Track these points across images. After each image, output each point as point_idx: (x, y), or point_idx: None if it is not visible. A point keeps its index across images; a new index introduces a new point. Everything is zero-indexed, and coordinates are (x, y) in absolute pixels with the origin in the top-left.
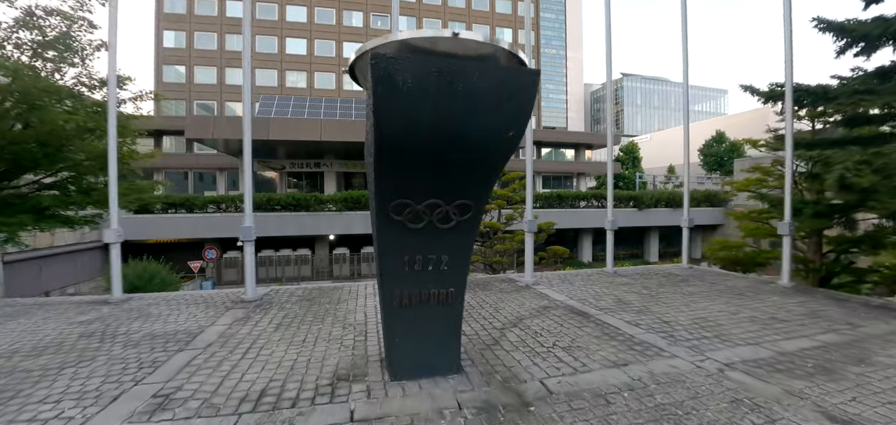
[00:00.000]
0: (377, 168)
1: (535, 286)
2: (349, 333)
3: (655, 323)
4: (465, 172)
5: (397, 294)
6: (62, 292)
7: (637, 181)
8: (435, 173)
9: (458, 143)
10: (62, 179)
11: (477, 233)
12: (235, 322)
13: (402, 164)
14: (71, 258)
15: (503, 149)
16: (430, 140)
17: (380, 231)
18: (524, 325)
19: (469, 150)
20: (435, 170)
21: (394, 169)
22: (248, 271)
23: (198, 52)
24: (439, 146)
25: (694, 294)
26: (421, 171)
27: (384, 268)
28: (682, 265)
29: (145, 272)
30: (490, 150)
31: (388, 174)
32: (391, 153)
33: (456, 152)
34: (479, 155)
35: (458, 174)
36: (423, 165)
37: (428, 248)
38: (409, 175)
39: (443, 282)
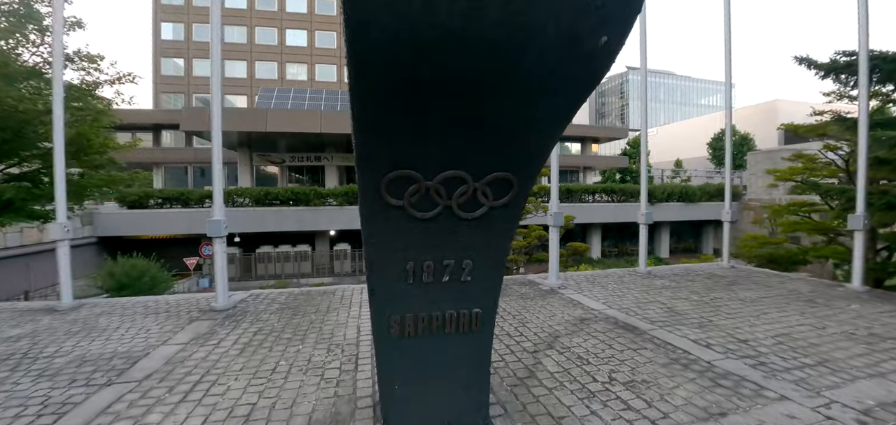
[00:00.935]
0: (360, 118)
1: (563, 290)
2: (334, 359)
3: (731, 342)
4: (511, 122)
5: (396, 319)
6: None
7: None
8: (457, 124)
9: (502, 59)
10: (34, 170)
11: (516, 227)
12: (194, 340)
13: (401, 108)
14: None
15: (586, 72)
16: (448, 56)
17: (369, 223)
18: (563, 346)
19: (522, 76)
20: (457, 118)
21: (387, 117)
22: (219, 274)
23: (196, 45)
24: (467, 66)
25: (754, 301)
26: (433, 120)
27: (376, 279)
28: (723, 264)
29: (134, 269)
30: (561, 75)
31: (378, 128)
32: (381, 86)
33: (497, 78)
34: (539, 83)
35: (497, 125)
36: (437, 108)
37: (443, 249)
38: (412, 128)
39: (464, 299)
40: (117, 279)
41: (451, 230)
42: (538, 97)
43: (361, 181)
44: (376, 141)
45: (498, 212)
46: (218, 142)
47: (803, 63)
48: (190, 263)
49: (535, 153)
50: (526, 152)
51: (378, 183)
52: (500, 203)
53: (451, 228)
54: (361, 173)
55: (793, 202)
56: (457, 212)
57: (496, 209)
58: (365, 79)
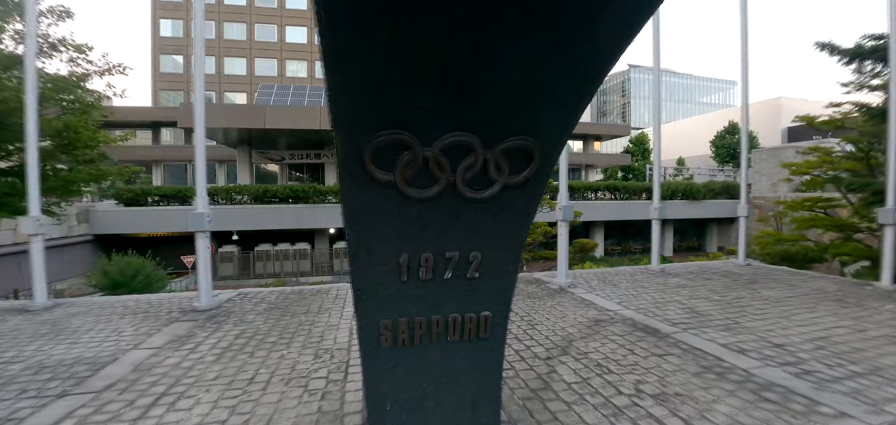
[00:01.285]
0: (330, 48)
1: (572, 289)
2: (321, 367)
3: (766, 347)
4: (537, 59)
5: (387, 326)
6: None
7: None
8: (461, 59)
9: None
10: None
11: (535, 212)
12: (169, 343)
13: (386, 47)
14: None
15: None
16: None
17: (351, 204)
18: (579, 352)
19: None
20: (461, 48)
21: (369, 59)
22: (202, 272)
23: None
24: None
25: (779, 300)
26: (432, 47)
27: (362, 276)
28: (739, 261)
29: (129, 268)
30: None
31: (355, 64)
32: (359, 14)
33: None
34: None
35: (516, 65)
36: (434, 47)
37: (445, 238)
38: (403, 77)
39: (471, 300)
40: (111, 277)
41: (455, 214)
42: (579, 22)
43: (340, 146)
44: (354, 86)
45: (514, 192)
46: (201, 129)
47: (825, 49)
48: (187, 261)
49: (564, 112)
50: (553, 111)
51: (361, 149)
52: (516, 180)
53: (456, 212)
54: (339, 134)
55: (807, 198)
56: (462, 191)
57: (512, 188)
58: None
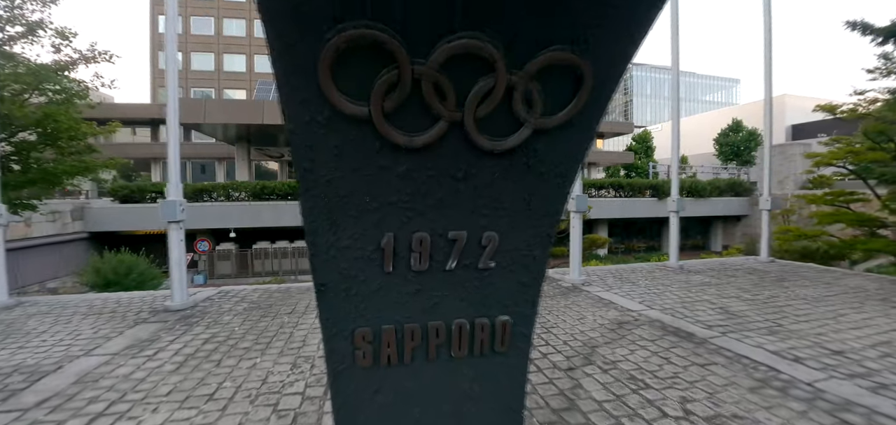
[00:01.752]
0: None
1: (587, 287)
2: (299, 378)
3: (824, 355)
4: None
5: (363, 337)
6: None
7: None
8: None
9: None
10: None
11: (579, 168)
12: (127, 349)
13: None
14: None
15: None
16: None
17: (302, 150)
18: (605, 360)
19: None
20: None
21: None
22: (174, 267)
23: (194, 38)
24: None
25: (818, 299)
26: None
27: (324, 264)
28: (762, 258)
29: (121, 265)
30: None
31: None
32: None
33: None
34: None
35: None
36: None
37: (447, 209)
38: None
39: (486, 298)
40: (103, 275)
41: (462, 173)
42: None
43: (275, 46)
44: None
45: (550, 141)
46: (173, 108)
47: (856, 28)
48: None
49: (637, 6)
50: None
51: (311, 56)
52: (554, 120)
53: (464, 169)
54: (270, 26)
55: (829, 191)
56: (474, 137)
57: (547, 134)
58: None
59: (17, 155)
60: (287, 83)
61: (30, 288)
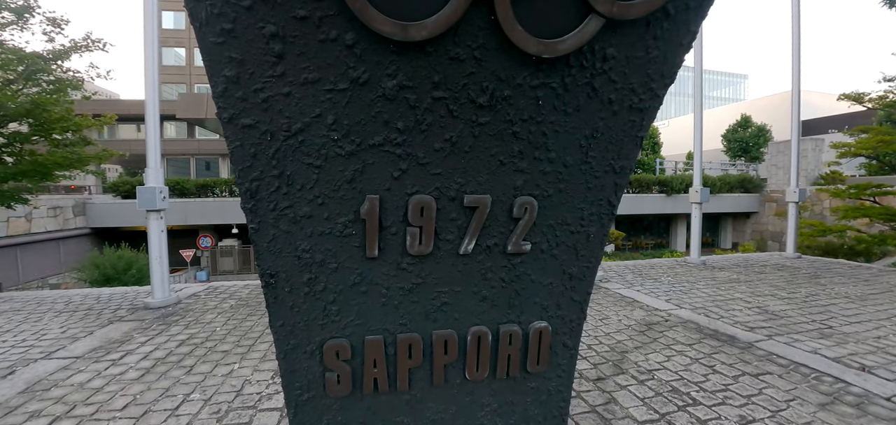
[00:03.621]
0: None
1: (606, 283)
2: (279, 390)
3: (894, 362)
4: None
5: (331, 352)
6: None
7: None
8: None
9: None
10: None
11: (673, 77)
12: (93, 351)
13: None
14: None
15: None
16: None
17: (222, 52)
18: (639, 369)
19: None
20: None
21: None
22: (154, 262)
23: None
24: None
25: (863, 298)
26: None
27: (272, 244)
28: (788, 253)
29: (121, 261)
30: None
31: None
32: None
33: None
34: None
35: None
36: None
37: (458, 153)
38: None
39: (515, 295)
40: (102, 271)
41: (488, 94)
42: None
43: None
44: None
45: (627, 44)
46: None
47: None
48: (186, 255)
49: None
50: None
51: None
52: (639, 3)
53: (491, 87)
54: None
55: (852, 184)
56: (509, 29)
57: (626, 27)
58: None
59: (8, 147)
60: None
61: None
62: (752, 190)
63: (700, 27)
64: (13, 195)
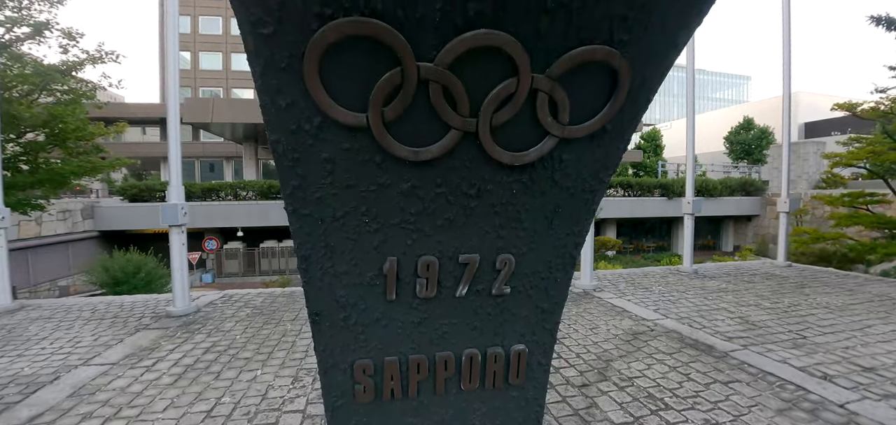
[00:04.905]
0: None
1: (599, 293)
2: (300, 394)
3: (855, 372)
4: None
5: (363, 370)
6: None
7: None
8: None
9: None
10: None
11: (609, 182)
12: (126, 358)
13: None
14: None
15: None
16: None
17: (289, 164)
18: (621, 376)
19: None
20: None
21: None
22: (176, 273)
23: (203, 37)
24: None
25: (842, 309)
26: None
27: (319, 291)
28: (779, 261)
29: (130, 264)
30: None
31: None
32: None
33: None
34: None
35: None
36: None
37: (458, 227)
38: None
39: (500, 326)
40: (112, 274)
41: (475, 189)
42: None
43: (253, 51)
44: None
45: (578, 151)
46: (174, 109)
47: (881, 23)
48: (192, 258)
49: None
50: None
51: (295, 55)
52: (583, 128)
53: (477, 185)
54: (247, 24)
55: (847, 192)
56: (489, 148)
57: (575, 144)
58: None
59: (25, 155)
60: (266, 84)
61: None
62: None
63: (633, 134)
64: (29, 202)
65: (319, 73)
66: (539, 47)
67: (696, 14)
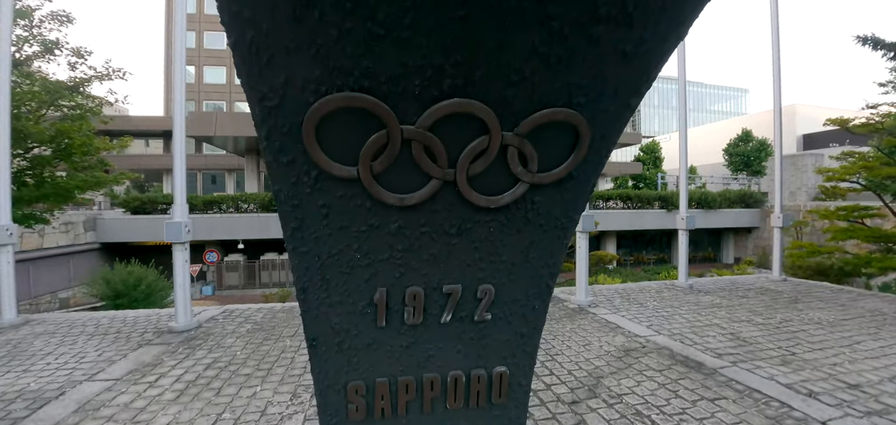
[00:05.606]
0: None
1: (594, 309)
2: (298, 410)
3: (840, 389)
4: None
5: (358, 390)
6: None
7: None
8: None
9: None
10: (18, 169)
11: (578, 220)
12: (129, 374)
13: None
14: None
15: None
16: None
17: (289, 210)
18: (611, 393)
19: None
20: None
21: None
22: (179, 289)
23: (207, 52)
24: None
25: (834, 324)
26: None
27: (316, 319)
28: (774, 276)
29: (130, 277)
30: None
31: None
32: None
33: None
34: None
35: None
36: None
37: (441, 265)
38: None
39: (482, 350)
40: (113, 287)
41: (456, 228)
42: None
43: (256, 110)
44: (268, 4)
45: (547, 195)
46: (180, 131)
47: (867, 43)
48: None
49: (640, 60)
50: (621, 55)
51: (295, 122)
52: (551, 176)
53: (457, 225)
54: (251, 90)
55: (843, 206)
56: (467, 194)
57: (544, 189)
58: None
59: (31, 170)
60: (270, 145)
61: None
62: (752, 205)
63: (600, 173)
64: (34, 216)
65: (316, 136)
66: (507, 111)
67: (645, 81)
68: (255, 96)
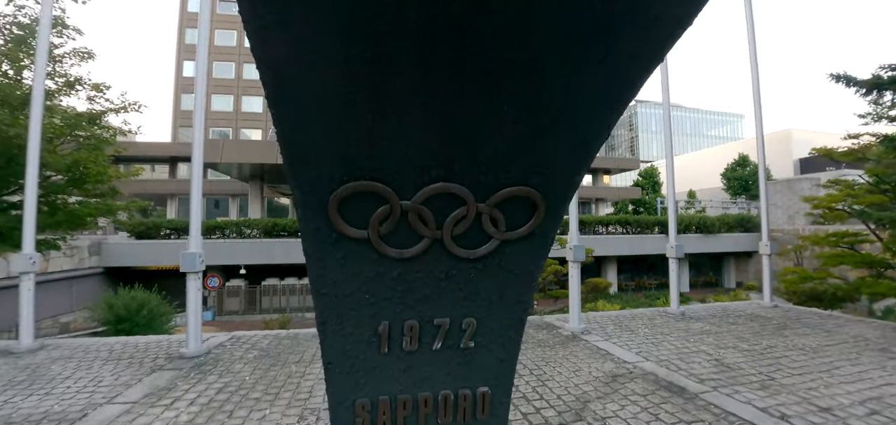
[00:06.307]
0: (271, 83)
1: (587, 336)
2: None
3: (811, 412)
4: (543, 85)
5: (362, 406)
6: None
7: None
8: (437, 93)
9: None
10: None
11: (543, 266)
12: (146, 397)
13: (334, 51)
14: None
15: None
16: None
17: (317, 265)
18: (596, 417)
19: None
20: (437, 75)
21: (314, 73)
22: (191, 316)
23: (216, 81)
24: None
25: (816, 350)
26: (398, 80)
27: (331, 346)
28: (765, 302)
29: (133, 302)
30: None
31: (304, 94)
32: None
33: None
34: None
35: (515, 93)
36: (400, 52)
37: (432, 303)
38: (362, 96)
39: (466, 373)
40: (116, 312)
41: (443, 275)
42: (604, 33)
43: (297, 196)
44: (307, 123)
45: (515, 248)
46: (198, 165)
47: (840, 81)
48: None
49: (577, 151)
50: (562, 149)
51: (323, 202)
52: (516, 234)
53: (444, 272)
54: (295, 183)
55: (833, 233)
56: (451, 249)
57: (512, 243)
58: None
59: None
60: (304, 217)
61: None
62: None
63: (556, 232)
64: (47, 242)
65: (338, 209)
66: (479, 189)
67: (588, 163)
68: (298, 187)
